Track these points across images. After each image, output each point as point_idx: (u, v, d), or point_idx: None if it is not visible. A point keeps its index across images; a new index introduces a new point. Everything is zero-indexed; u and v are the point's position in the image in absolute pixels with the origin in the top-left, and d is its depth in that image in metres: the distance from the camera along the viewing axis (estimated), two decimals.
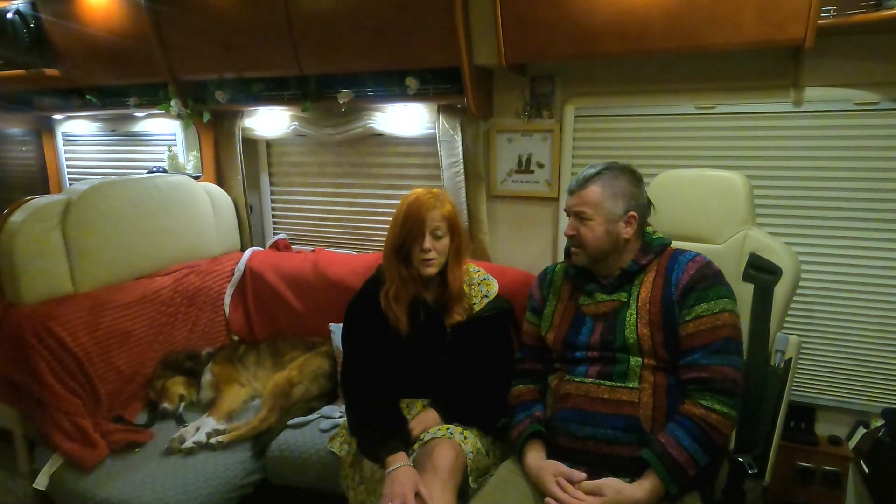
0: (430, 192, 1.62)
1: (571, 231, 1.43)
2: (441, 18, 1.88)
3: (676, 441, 1.24)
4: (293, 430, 1.92)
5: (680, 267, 1.37)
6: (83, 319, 1.95)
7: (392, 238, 1.62)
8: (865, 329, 1.87)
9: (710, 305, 1.31)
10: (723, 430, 1.25)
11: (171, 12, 2.28)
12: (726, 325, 1.30)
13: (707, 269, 1.36)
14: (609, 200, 1.39)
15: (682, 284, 1.35)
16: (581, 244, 1.42)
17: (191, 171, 2.83)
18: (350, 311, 1.71)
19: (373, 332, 1.64)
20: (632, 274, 1.42)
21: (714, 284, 1.33)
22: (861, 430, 1.91)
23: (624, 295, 1.41)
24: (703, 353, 1.29)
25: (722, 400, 1.25)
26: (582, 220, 1.41)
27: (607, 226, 1.39)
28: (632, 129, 2.05)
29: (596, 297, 1.44)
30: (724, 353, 1.28)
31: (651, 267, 1.42)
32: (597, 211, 1.39)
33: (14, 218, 1.91)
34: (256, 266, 2.51)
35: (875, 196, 1.79)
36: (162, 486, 1.68)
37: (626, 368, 1.35)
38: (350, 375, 1.68)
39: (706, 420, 1.24)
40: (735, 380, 1.27)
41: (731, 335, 1.30)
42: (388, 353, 1.63)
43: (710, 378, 1.27)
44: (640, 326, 1.35)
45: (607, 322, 1.41)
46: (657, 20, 1.66)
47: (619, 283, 1.43)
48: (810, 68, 1.77)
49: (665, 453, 1.23)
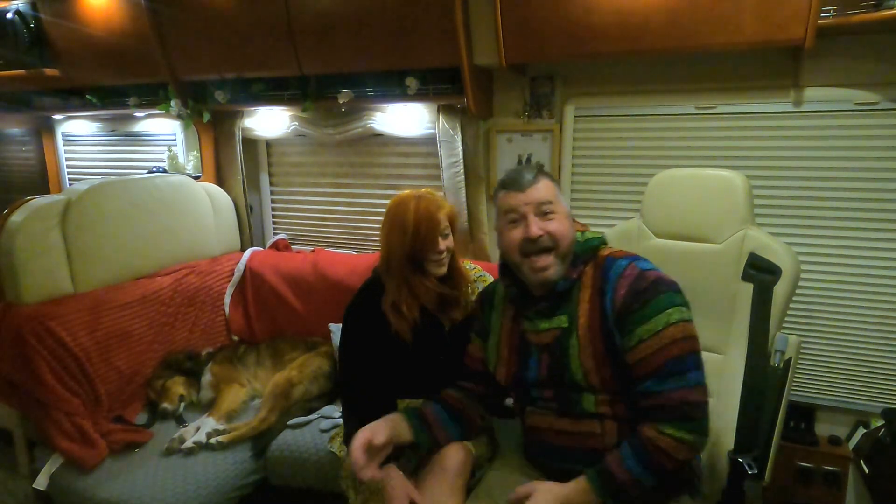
0: (426, 195, 1.57)
1: (539, 231, 1.21)
2: (441, 18, 1.88)
3: (621, 460, 1.16)
4: (293, 430, 1.92)
5: (611, 287, 1.21)
6: (83, 319, 1.95)
7: (402, 247, 1.53)
8: (865, 329, 1.87)
9: (650, 325, 1.16)
10: (674, 454, 1.14)
11: (171, 12, 2.28)
12: (674, 341, 1.15)
13: (639, 282, 1.19)
14: (560, 196, 1.27)
15: (616, 308, 1.19)
16: (553, 243, 1.23)
17: (191, 171, 2.83)
18: (348, 318, 1.67)
19: (373, 338, 1.61)
20: (566, 293, 1.26)
21: (651, 298, 1.17)
22: (861, 430, 1.91)
23: (564, 319, 1.25)
24: (653, 381, 1.16)
25: (676, 424, 1.14)
26: (546, 214, 1.23)
27: (569, 220, 1.26)
28: (632, 129, 2.05)
29: (537, 325, 1.29)
30: (674, 375, 1.14)
31: (585, 281, 1.26)
32: (558, 203, 1.25)
33: (14, 218, 1.92)
34: (256, 266, 2.51)
35: (875, 196, 1.79)
36: (162, 486, 1.69)
37: (582, 407, 1.24)
38: (349, 386, 1.65)
39: (655, 443, 1.14)
40: (690, 402, 1.14)
41: (680, 352, 1.15)
42: (388, 357, 1.61)
43: (665, 406, 1.15)
44: (584, 360, 1.21)
45: (552, 354, 1.26)
46: (657, 20, 1.66)
47: (555, 304, 1.26)
48: (810, 68, 1.77)
49: (605, 471, 1.17)
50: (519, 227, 1.24)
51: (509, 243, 1.26)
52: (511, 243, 1.25)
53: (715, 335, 1.56)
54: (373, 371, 1.61)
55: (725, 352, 1.53)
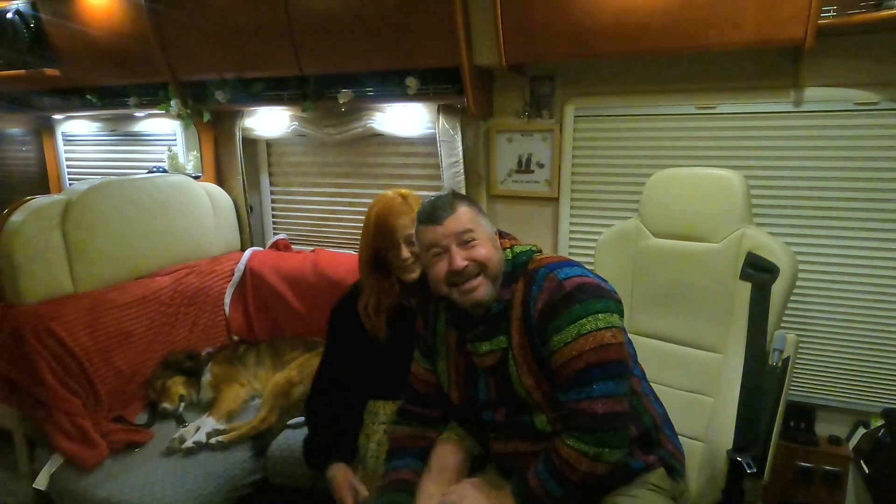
0: (397, 197, 1.54)
1: (463, 262, 1.19)
2: (441, 18, 1.88)
3: (535, 470, 1.17)
4: (293, 430, 1.92)
5: (532, 297, 1.19)
6: (83, 319, 1.95)
7: (364, 249, 1.54)
8: (865, 329, 1.87)
9: (562, 336, 1.13)
10: (575, 465, 1.11)
11: (171, 12, 2.28)
12: (582, 352, 1.11)
13: (556, 291, 1.16)
14: (481, 218, 1.26)
15: (535, 322, 1.17)
16: (482, 268, 1.20)
17: (191, 171, 2.83)
18: (330, 319, 1.69)
19: (350, 340, 1.62)
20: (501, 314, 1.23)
21: (563, 310, 1.14)
22: (861, 430, 1.91)
23: (503, 340, 1.23)
24: (562, 391, 1.15)
25: (577, 436, 1.12)
26: (468, 242, 1.21)
27: (492, 243, 1.24)
28: (632, 129, 2.05)
29: (478, 348, 1.27)
30: (580, 386, 1.12)
31: (517, 297, 1.23)
32: (479, 227, 1.23)
33: (14, 218, 1.92)
34: (256, 266, 2.51)
35: (875, 196, 1.79)
36: (162, 486, 1.69)
37: (536, 429, 1.23)
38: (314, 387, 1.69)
39: (559, 453, 1.14)
40: (595, 413, 1.10)
41: (587, 363, 1.11)
42: (364, 359, 1.62)
43: (568, 416, 1.14)
44: (524, 378, 1.20)
45: (497, 376, 1.25)
46: (657, 20, 1.66)
47: (492, 326, 1.24)
48: (810, 68, 1.77)
49: (523, 479, 1.18)
50: (443, 260, 1.22)
51: (436, 277, 1.24)
52: (437, 277, 1.23)
53: (713, 334, 1.56)
54: (344, 373, 1.63)
55: (724, 351, 1.53)
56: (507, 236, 1.33)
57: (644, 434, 1.27)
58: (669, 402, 1.40)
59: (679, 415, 1.42)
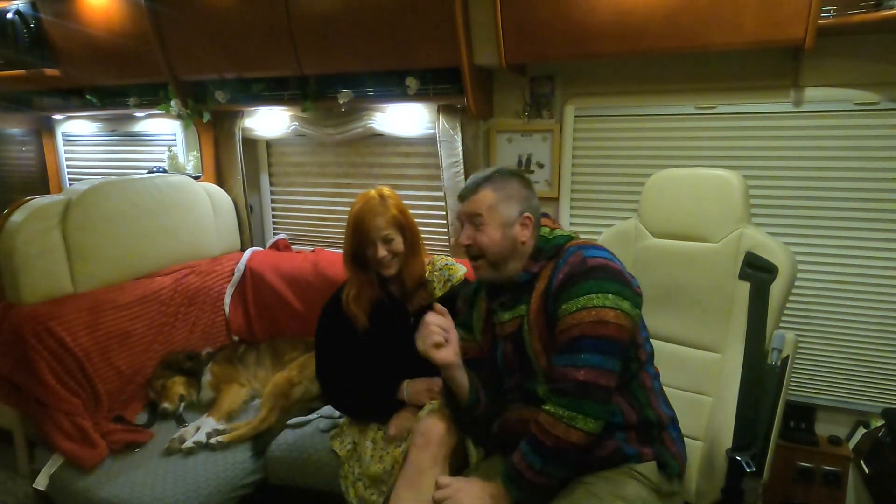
0: (376, 197, 1.67)
1: (467, 240, 1.32)
2: (441, 18, 1.88)
3: (519, 446, 1.21)
4: (293, 430, 1.92)
5: (557, 272, 1.25)
6: (83, 319, 1.95)
7: (346, 246, 1.69)
8: (865, 329, 1.87)
9: (569, 305, 1.19)
10: (551, 430, 1.15)
11: (171, 12, 2.28)
12: (581, 322, 1.17)
13: (579, 266, 1.22)
14: (503, 203, 1.31)
15: (554, 291, 1.23)
16: (480, 252, 1.31)
17: (191, 171, 2.83)
18: (321, 312, 1.80)
19: (342, 331, 1.73)
20: (525, 285, 1.31)
21: (580, 282, 1.20)
22: (861, 430, 1.91)
23: (523, 309, 1.31)
24: (555, 357, 1.21)
25: (555, 400, 1.17)
26: (477, 225, 1.31)
27: (503, 230, 1.30)
28: (632, 129, 2.05)
29: (500, 316, 1.35)
30: (569, 353, 1.17)
31: (544, 273, 1.30)
32: (491, 214, 1.30)
33: (14, 218, 1.92)
34: (256, 266, 2.51)
35: (874, 196, 1.79)
36: (162, 486, 1.69)
37: (538, 394, 1.27)
38: (324, 372, 1.79)
39: (537, 422, 1.18)
40: (575, 379, 1.14)
41: (580, 333, 1.17)
42: (357, 349, 1.72)
43: (552, 379, 1.20)
44: (534, 342, 1.27)
45: (514, 342, 1.33)
46: (657, 20, 1.66)
47: (516, 296, 1.33)
48: (810, 68, 1.77)
49: (508, 458, 1.22)
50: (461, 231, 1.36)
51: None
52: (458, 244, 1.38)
53: (712, 334, 1.56)
54: (342, 356, 1.73)
55: (723, 350, 1.54)
56: (549, 218, 1.42)
57: (643, 424, 1.28)
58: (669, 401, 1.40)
59: (679, 414, 1.42)
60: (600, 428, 1.17)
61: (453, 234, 2.36)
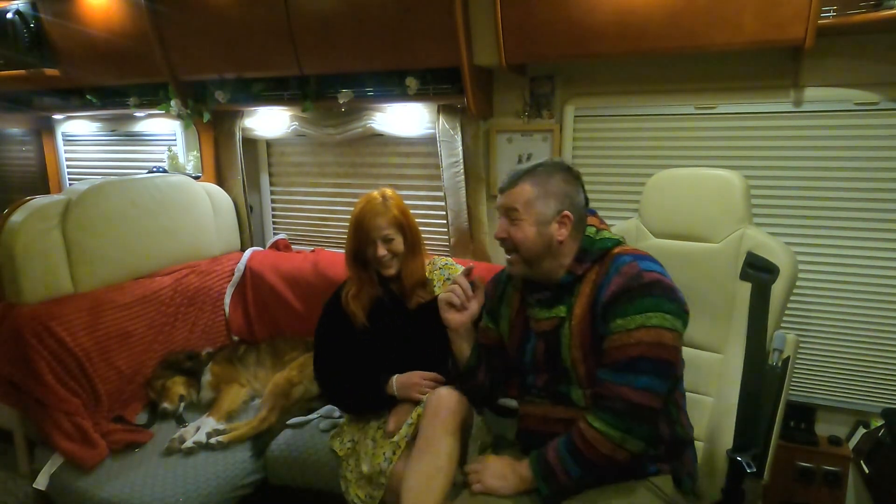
0: (378, 197, 1.70)
1: (502, 233, 1.32)
2: (441, 18, 1.88)
3: (556, 447, 1.21)
4: (293, 430, 1.92)
5: (608, 280, 1.23)
6: (83, 319, 1.95)
7: (348, 245, 1.74)
8: (865, 329, 1.87)
9: (625, 321, 1.17)
10: (597, 446, 1.15)
11: (171, 12, 2.28)
12: (640, 342, 1.15)
13: (634, 280, 1.19)
14: (540, 200, 1.28)
15: (604, 301, 1.21)
16: (514, 247, 1.30)
17: (191, 171, 2.83)
18: (323, 308, 1.83)
19: (342, 328, 1.76)
20: (568, 286, 1.30)
21: (637, 297, 1.18)
22: (861, 430, 1.91)
23: (563, 310, 1.29)
24: (606, 370, 1.18)
25: (604, 418, 1.15)
26: (512, 220, 1.30)
27: (538, 227, 1.27)
28: (632, 129, 2.04)
29: (536, 313, 1.34)
30: (625, 372, 1.15)
31: (589, 276, 1.28)
32: (527, 210, 1.28)
33: (14, 218, 1.92)
34: (256, 266, 2.51)
35: (875, 196, 1.79)
36: (162, 486, 1.69)
37: (571, 399, 1.28)
38: (321, 367, 1.81)
39: (583, 435, 1.17)
40: (630, 400, 1.14)
41: (642, 353, 1.15)
42: (355, 346, 1.74)
43: (602, 395, 1.18)
44: (573, 349, 1.26)
45: (549, 341, 1.31)
46: (657, 20, 1.66)
47: (556, 296, 1.31)
48: (810, 68, 1.77)
49: (543, 458, 1.22)
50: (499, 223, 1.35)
51: None
52: None
53: (713, 334, 1.56)
54: (340, 352, 1.75)
55: (724, 351, 1.53)
56: (596, 216, 1.39)
57: (673, 441, 1.29)
58: None
59: None
60: (646, 449, 1.19)
61: (454, 233, 2.36)
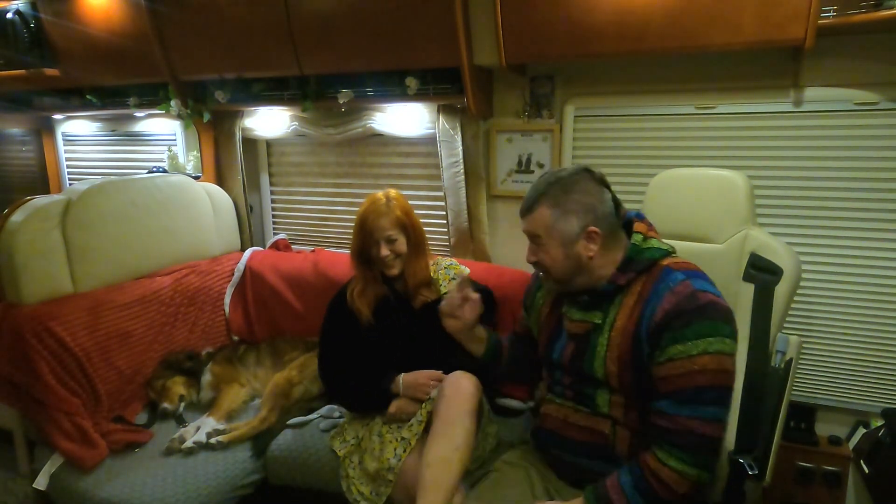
0: (382, 198, 1.73)
1: (532, 257, 1.30)
2: (441, 18, 1.88)
3: (620, 486, 1.16)
4: (293, 430, 1.92)
5: (658, 298, 1.18)
6: (83, 319, 1.94)
7: (352, 244, 1.77)
8: (865, 329, 1.87)
9: (685, 347, 1.12)
10: (675, 487, 1.13)
11: (171, 12, 2.28)
12: (704, 370, 1.11)
13: (688, 301, 1.14)
14: (561, 221, 1.23)
15: (656, 321, 1.16)
16: (544, 270, 1.30)
17: (191, 171, 2.83)
18: (328, 306, 1.87)
19: (347, 326, 1.78)
20: (609, 294, 1.27)
21: (694, 321, 1.13)
22: (861, 430, 1.91)
23: (598, 316, 1.26)
24: (670, 402, 1.14)
25: (680, 456, 1.12)
26: (538, 245, 1.28)
27: (564, 248, 1.24)
28: (632, 129, 2.04)
29: (571, 314, 1.33)
30: (694, 404, 1.12)
31: (634, 288, 1.24)
32: (549, 234, 1.25)
33: (14, 218, 1.91)
34: (256, 266, 2.51)
35: (875, 196, 1.79)
36: (162, 486, 1.68)
37: (595, 403, 1.27)
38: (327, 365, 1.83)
39: (657, 474, 1.13)
40: (703, 434, 1.11)
41: (708, 382, 1.12)
42: (359, 343, 1.76)
43: (673, 430, 1.13)
44: (609, 362, 1.23)
45: (579, 344, 1.30)
46: (657, 20, 1.66)
47: (595, 301, 1.28)
48: (810, 68, 1.77)
49: (605, 496, 1.17)
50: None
51: None
52: None
53: None
54: (345, 350, 1.77)
55: None
56: (644, 221, 1.35)
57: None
58: None
59: None
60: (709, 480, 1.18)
61: (454, 233, 2.36)
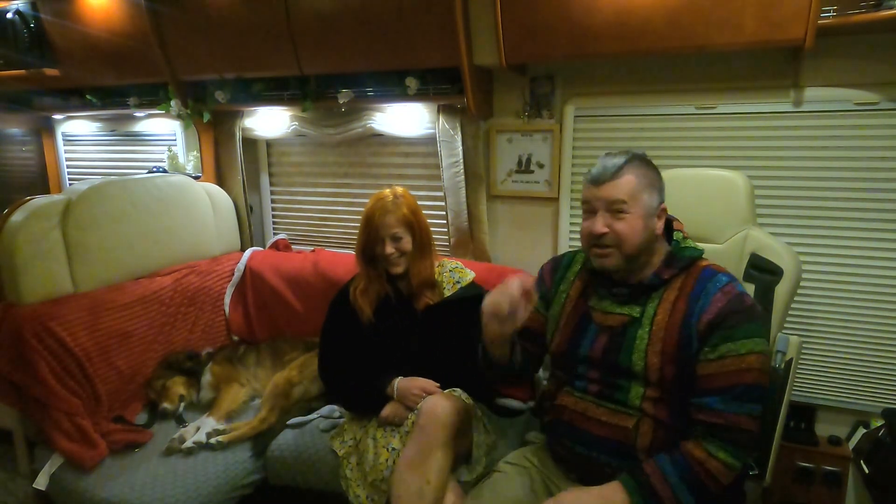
0: (390, 196, 1.71)
1: (603, 228, 1.24)
2: (441, 18, 1.88)
3: (663, 475, 1.16)
4: (293, 430, 1.92)
5: (707, 297, 1.20)
6: (83, 319, 1.94)
7: (358, 241, 1.76)
8: (865, 329, 1.87)
9: (736, 346, 1.16)
10: (721, 478, 1.15)
11: (171, 12, 2.28)
12: (752, 368, 1.15)
13: (738, 302, 1.19)
14: (646, 191, 1.24)
15: (708, 319, 1.18)
16: (617, 242, 1.24)
17: (191, 171, 2.83)
18: (330, 306, 1.86)
19: (348, 324, 1.78)
20: (649, 288, 1.27)
21: (744, 322, 1.18)
22: (861, 430, 1.91)
23: (636, 310, 1.27)
24: (720, 398, 1.16)
25: (729, 450, 1.15)
26: (617, 213, 1.23)
27: (645, 220, 1.24)
28: (632, 129, 2.05)
29: (606, 306, 1.31)
30: (743, 401, 1.15)
31: (674, 284, 1.26)
32: (634, 202, 1.23)
33: (14, 218, 1.91)
34: (256, 266, 2.51)
35: (875, 196, 1.79)
36: (162, 486, 1.68)
37: (627, 396, 1.26)
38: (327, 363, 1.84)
39: (704, 465, 1.15)
40: (750, 430, 1.16)
41: (755, 381, 1.16)
42: (360, 342, 1.75)
43: (723, 426, 1.16)
44: (651, 354, 1.22)
45: (613, 338, 1.28)
46: (657, 20, 1.66)
47: (632, 295, 1.28)
48: (810, 68, 1.77)
49: (647, 484, 1.16)
50: (590, 219, 1.28)
51: (581, 232, 1.31)
52: (582, 233, 1.30)
53: None
54: (346, 349, 1.77)
55: None
56: (680, 222, 1.37)
57: None
58: None
59: None
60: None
61: (454, 233, 2.36)
